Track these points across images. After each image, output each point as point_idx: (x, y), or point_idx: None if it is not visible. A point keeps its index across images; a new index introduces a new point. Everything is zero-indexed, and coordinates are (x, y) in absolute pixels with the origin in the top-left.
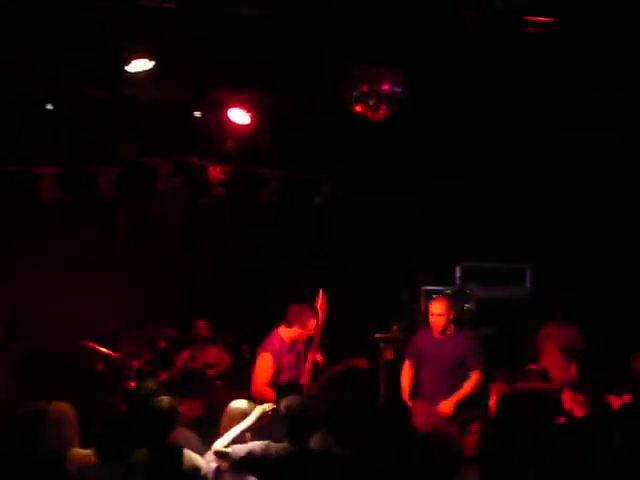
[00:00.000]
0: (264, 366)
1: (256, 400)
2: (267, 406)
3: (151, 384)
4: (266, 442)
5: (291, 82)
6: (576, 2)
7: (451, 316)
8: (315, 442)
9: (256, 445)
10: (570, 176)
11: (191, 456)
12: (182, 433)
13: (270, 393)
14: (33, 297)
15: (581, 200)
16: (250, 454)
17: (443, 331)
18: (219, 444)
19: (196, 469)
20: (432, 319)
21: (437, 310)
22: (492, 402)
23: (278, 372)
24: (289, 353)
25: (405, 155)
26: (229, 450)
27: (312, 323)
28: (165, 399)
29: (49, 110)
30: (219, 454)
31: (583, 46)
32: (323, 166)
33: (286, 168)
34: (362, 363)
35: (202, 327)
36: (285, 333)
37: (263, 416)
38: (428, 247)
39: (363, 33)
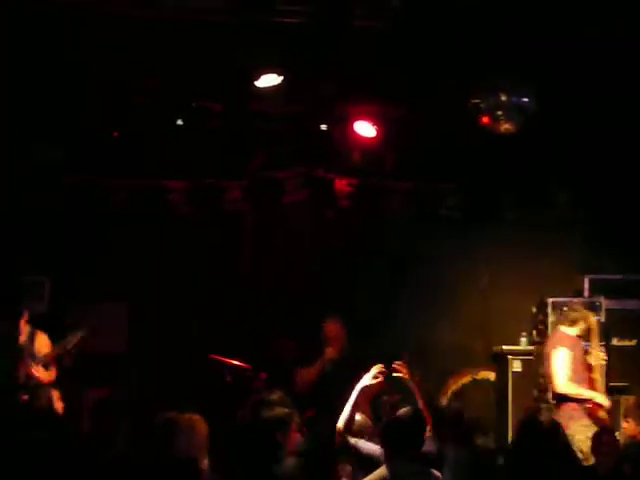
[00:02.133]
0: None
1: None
2: (369, 376)
3: (275, 396)
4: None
5: (416, 94)
6: None
7: None
8: None
9: (377, 450)
10: None
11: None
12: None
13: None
14: (160, 308)
15: None
16: (372, 457)
17: None
18: (340, 422)
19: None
20: None
21: None
22: None
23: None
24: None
25: (531, 165)
26: (354, 442)
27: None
28: (277, 409)
29: (179, 125)
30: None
31: None
32: (448, 178)
33: (411, 180)
34: (489, 375)
35: None
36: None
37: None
38: (556, 258)
39: (488, 44)
